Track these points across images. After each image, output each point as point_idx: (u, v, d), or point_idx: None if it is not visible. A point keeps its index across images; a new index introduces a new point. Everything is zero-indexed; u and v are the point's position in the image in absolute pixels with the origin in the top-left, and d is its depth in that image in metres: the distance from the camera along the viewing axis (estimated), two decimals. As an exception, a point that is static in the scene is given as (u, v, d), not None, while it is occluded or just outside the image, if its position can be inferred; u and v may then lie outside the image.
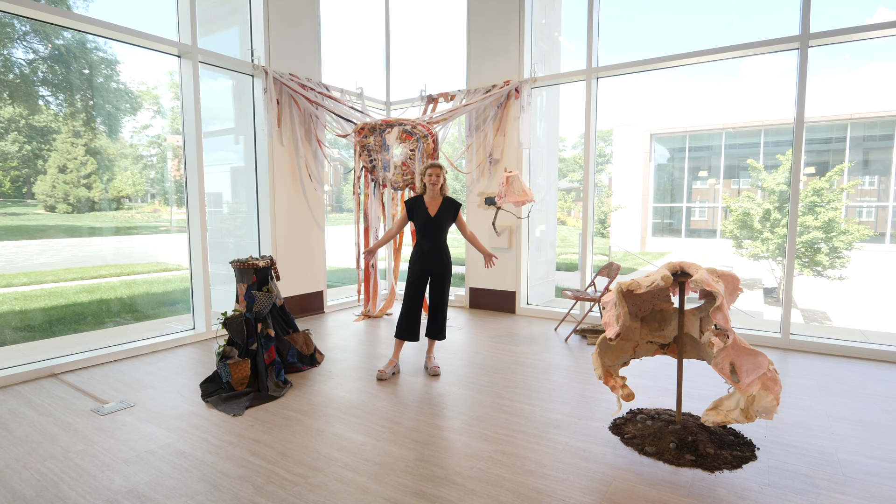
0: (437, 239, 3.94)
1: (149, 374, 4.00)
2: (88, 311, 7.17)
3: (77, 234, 9.16)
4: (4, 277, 8.84)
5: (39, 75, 6.41)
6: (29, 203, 7.74)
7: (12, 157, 7.11)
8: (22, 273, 9.18)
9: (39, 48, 6.20)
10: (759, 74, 22.79)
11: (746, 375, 2.44)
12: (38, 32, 6.06)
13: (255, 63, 5.40)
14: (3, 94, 6.23)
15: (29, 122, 6.95)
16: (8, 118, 6.79)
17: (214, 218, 6.14)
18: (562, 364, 4.27)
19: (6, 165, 7.14)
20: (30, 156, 7.28)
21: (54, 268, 9.70)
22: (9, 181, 7.36)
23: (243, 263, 3.71)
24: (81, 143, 7.84)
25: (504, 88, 6.01)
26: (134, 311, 7.39)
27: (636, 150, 21.51)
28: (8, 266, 9.49)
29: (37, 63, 6.30)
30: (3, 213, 7.70)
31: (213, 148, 6.00)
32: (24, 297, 7.73)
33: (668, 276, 2.57)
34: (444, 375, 3.98)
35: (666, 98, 24.99)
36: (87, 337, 5.50)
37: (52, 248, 10.54)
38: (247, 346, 3.67)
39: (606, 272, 5.18)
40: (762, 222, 15.43)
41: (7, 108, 6.66)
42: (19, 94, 6.42)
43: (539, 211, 6.69)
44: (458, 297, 6.79)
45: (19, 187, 7.58)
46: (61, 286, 8.54)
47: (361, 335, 5.29)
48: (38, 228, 8.27)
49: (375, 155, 5.85)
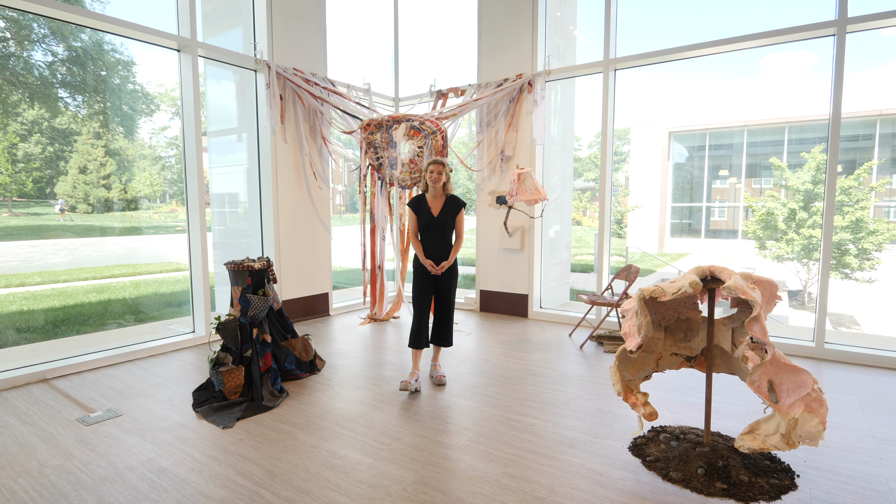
0: (441, 240, 3.70)
1: (142, 381, 3.83)
2: (93, 312, 7.07)
3: (94, 233, 9.23)
4: (18, 277, 8.86)
5: (58, 77, 6.46)
6: (51, 203, 7.93)
7: (35, 158, 7.25)
8: (36, 272, 9.20)
9: (58, 50, 6.19)
10: (781, 71, 22.13)
11: (787, 395, 2.16)
12: (57, 35, 6.06)
13: (257, 57, 5.22)
14: (24, 96, 6.27)
15: (51, 124, 7.10)
16: (31, 120, 6.94)
17: (230, 218, 6.00)
18: (577, 374, 3.99)
19: (29, 166, 7.27)
20: (52, 157, 7.41)
21: (68, 267, 9.78)
22: (31, 181, 7.50)
23: (238, 265, 3.51)
24: (101, 144, 8.02)
25: (516, 82, 5.74)
26: (138, 313, 7.27)
27: (654, 148, 21.01)
28: (23, 265, 9.53)
29: (56, 65, 6.33)
30: (26, 212, 7.87)
31: (230, 148, 5.85)
32: (34, 297, 7.69)
33: (697, 283, 2.29)
34: (450, 385, 3.74)
35: (685, 96, 24.42)
36: (87, 339, 5.38)
37: (66, 248, 10.58)
38: (241, 352, 3.47)
39: (625, 275, 4.89)
40: (787, 222, 14.93)
41: (30, 111, 6.78)
42: (38, 95, 6.46)
43: (554, 210, 6.41)
44: (469, 300, 6.54)
45: (42, 188, 7.76)
46: (72, 286, 8.53)
47: (366, 340, 5.07)
48: (58, 228, 8.39)
49: (382, 152, 5.63)
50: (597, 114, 5.44)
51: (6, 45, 5.88)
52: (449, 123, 5.96)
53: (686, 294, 2.30)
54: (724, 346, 2.54)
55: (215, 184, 5.88)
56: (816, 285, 4.54)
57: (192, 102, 4.67)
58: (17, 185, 7.33)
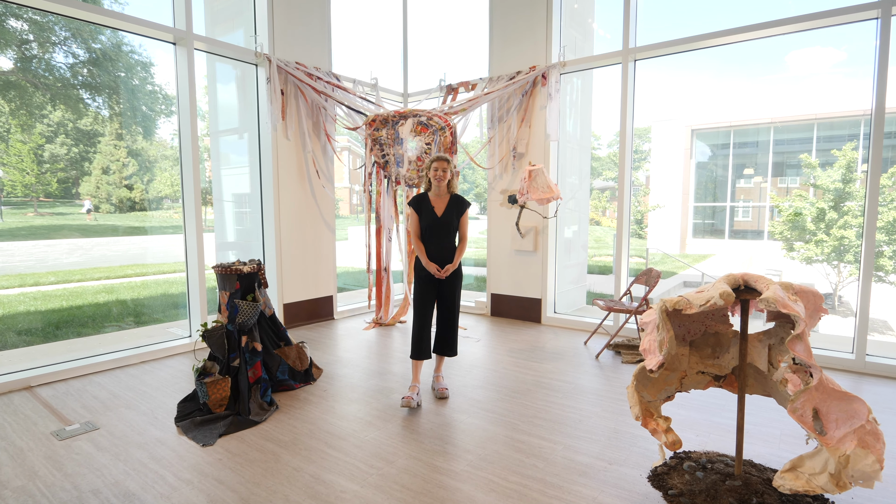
0: (445, 242, 3.43)
1: (129, 389, 3.64)
2: (97, 314, 6.97)
3: (118, 233, 9.39)
4: (33, 276, 8.87)
5: (79, 79, 6.50)
6: (77, 203, 8.09)
7: (61, 159, 7.40)
8: (51, 272, 9.21)
9: (79, 52, 6.21)
10: (808, 68, 21.33)
11: (836, 427, 1.84)
12: (77, 37, 6.07)
13: (257, 51, 5.02)
14: (47, 98, 6.34)
15: (76, 125, 7.27)
16: (57, 122, 7.10)
17: (245, 219, 5.79)
18: (591, 387, 3.68)
19: (54, 167, 7.42)
20: (77, 158, 7.55)
21: (83, 267, 9.82)
22: (56, 182, 7.66)
23: (226, 269, 3.29)
24: (123, 145, 8.19)
25: (530, 74, 5.44)
26: (141, 315, 7.14)
27: (676, 146, 20.41)
28: (38, 265, 9.55)
29: (77, 67, 6.35)
30: (51, 212, 8.03)
31: (244, 147, 5.64)
32: (45, 297, 7.64)
33: (729, 293, 1.98)
34: (453, 398, 3.47)
35: (708, 93, 23.72)
36: (83, 343, 5.24)
37: (80, 248, 10.61)
38: (228, 361, 3.24)
39: (644, 279, 4.56)
40: (816, 223, 14.31)
41: (56, 113, 6.94)
42: (60, 96, 6.52)
43: (570, 210, 6.09)
44: (479, 304, 6.26)
45: (69, 188, 7.95)
46: (83, 286, 8.52)
47: (370, 346, 4.82)
48: (77, 228, 8.56)
49: (388, 149, 5.38)
50: (616, 111, 5.12)
51: (29, 48, 5.90)
52: (458, 119, 5.69)
53: (716, 306, 1.99)
54: (759, 366, 2.22)
55: (232, 184, 5.67)
56: (849, 289, 4.15)
57: (188, 97, 4.48)
58: (43, 186, 7.49)
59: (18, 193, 7.33)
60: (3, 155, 6.57)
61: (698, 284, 9.93)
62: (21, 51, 5.72)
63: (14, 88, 5.98)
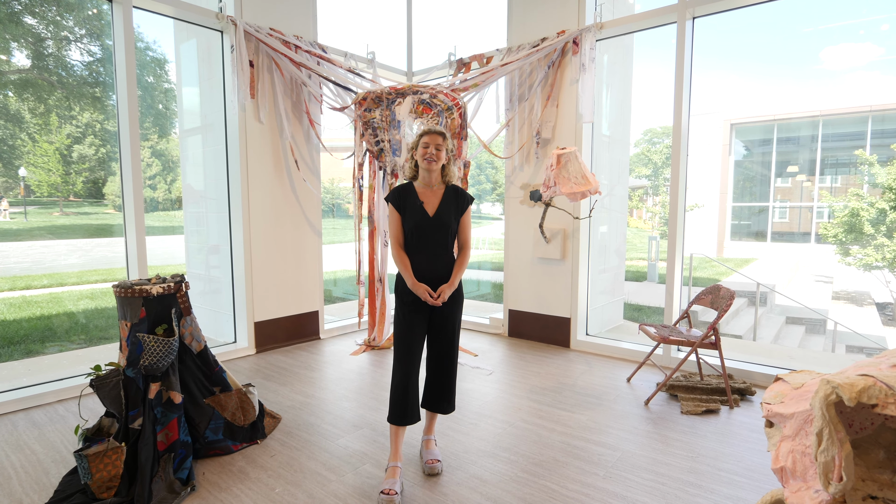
0: (439, 252, 2.40)
1: (16, 448, 2.72)
2: (57, 327, 6.14)
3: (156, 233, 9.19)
4: (24, 279, 8.25)
5: (94, 77, 6.32)
6: (104, 203, 8.38)
7: (89, 159, 7.56)
8: (45, 275, 8.59)
9: (95, 50, 5.96)
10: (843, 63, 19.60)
11: None
12: (93, 34, 5.79)
13: (219, 12, 4.08)
14: (63, 96, 6.22)
15: (104, 126, 7.37)
16: (85, 123, 7.25)
17: (205, 219, 4.93)
18: (645, 455, 2.62)
19: (79, 167, 7.57)
20: (104, 158, 7.70)
21: (83, 269, 9.35)
22: (81, 182, 7.88)
23: (126, 290, 2.33)
24: (147, 145, 8.40)
25: (558, 40, 4.38)
26: (107, 329, 6.29)
27: (714, 142, 18.95)
28: (34, 267, 8.93)
29: (94, 65, 6.17)
30: (76, 212, 8.26)
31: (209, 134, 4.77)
32: (28, 303, 6.95)
33: None
34: (448, 474, 2.45)
35: (746, 87, 22.15)
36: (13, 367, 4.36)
37: (80, 249, 9.99)
38: (127, 421, 2.29)
39: (710, 299, 3.46)
40: (875, 225, 12.85)
41: (85, 114, 7.08)
42: (75, 95, 6.36)
43: (604, 209, 5.01)
44: (495, 322, 5.22)
45: (99, 188, 8.25)
46: (77, 290, 7.98)
47: (354, 379, 3.83)
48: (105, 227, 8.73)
49: (382, 135, 4.39)
50: (648, 107, 4.03)
51: (45, 47, 5.64)
52: (469, 96, 4.67)
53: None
54: None
55: (198, 178, 4.81)
56: None
57: (125, 68, 3.56)
58: (68, 186, 7.69)
59: (44, 193, 7.50)
60: (30, 155, 6.62)
61: (751, 295, 8.67)
62: (37, 49, 5.54)
63: (30, 86, 5.84)
